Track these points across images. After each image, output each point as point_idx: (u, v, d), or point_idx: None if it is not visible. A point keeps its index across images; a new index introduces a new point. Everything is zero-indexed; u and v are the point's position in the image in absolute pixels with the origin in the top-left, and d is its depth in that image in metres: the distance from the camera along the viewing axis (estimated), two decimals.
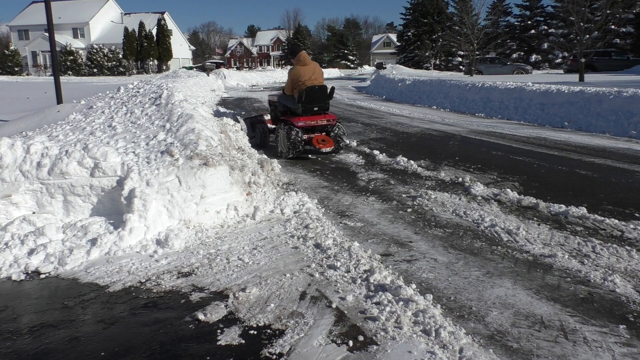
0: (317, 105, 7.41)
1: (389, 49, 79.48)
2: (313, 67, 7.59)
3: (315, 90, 7.33)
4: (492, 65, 31.19)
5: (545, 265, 3.56)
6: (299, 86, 7.42)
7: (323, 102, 7.44)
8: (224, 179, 4.70)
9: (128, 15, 62.84)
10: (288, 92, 7.78)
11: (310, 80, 7.42)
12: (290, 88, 7.67)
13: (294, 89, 7.56)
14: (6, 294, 3.33)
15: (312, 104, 7.35)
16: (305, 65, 7.52)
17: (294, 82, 7.55)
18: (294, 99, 7.55)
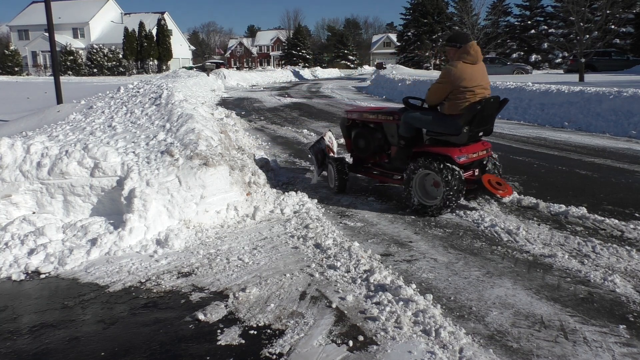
0: (484, 129, 4.79)
1: (389, 49, 79.49)
2: (482, 67, 4.73)
3: (490, 105, 4.64)
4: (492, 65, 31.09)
5: (545, 265, 3.56)
6: (465, 98, 4.55)
7: (491, 123, 4.88)
8: (224, 179, 4.70)
9: (128, 15, 62.84)
10: (434, 105, 4.89)
11: (481, 89, 4.60)
12: (438, 99, 4.75)
13: (452, 101, 4.62)
14: (6, 294, 3.33)
15: (481, 126, 4.69)
16: (474, 63, 4.65)
17: (453, 91, 4.58)
18: (452, 119, 4.61)
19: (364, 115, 5.56)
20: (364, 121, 5.58)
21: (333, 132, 6.57)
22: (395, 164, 5.16)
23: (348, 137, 5.80)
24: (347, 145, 5.92)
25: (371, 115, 5.45)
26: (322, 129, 10.78)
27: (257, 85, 31.81)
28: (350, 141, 5.79)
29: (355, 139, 5.63)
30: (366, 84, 28.84)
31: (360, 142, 5.56)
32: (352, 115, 5.75)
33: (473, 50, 4.61)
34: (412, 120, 4.89)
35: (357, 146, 5.62)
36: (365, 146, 5.51)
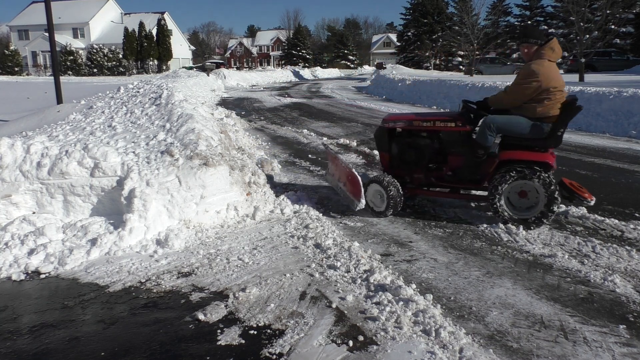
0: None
1: (389, 49, 79.50)
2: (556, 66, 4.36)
3: (574, 106, 4.25)
4: (492, 65, 31.18)
5: (545, 265, 3.56)
6: (556, 99, 4.19)
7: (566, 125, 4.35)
8: (224, 179, 4.70)
9: (128, 15, 62.84)
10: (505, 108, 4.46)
11: (563, 88, 4.27)
12: (520, 100, 4.27)
13: (542, 103, 4.18)
14: (6, 294, 3.33)
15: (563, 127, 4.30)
16: (556, 61, 4.32)
17: (542, 92, 4.16)
18: (541, 122, 4.22)
19: (416, 124, 4.70)
20: (415, 130, 4.74)
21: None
22: (464, 177, 4.54)
23: (387, 150, 4.89)
24: (383, 159, 4.99)
25: (426, 123, 4.65)
26: (322, 129, 10.79)
27: (257, 85, 31.81)
28: (389, 155, 4.91)
29: (402, 151, 4.77)
30: (366, 84, 28.85)
31: (411, 155, 4.71)
32: (397, 124, 4.82)
33: (557, 47, 4.29)
34: (501, 125, 4.28)
35: (404, 160, 4.76)
36: (418, 159, 4.68)
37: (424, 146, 4.68)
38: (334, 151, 5.44)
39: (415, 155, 4.69)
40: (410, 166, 4.75)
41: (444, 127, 4.58)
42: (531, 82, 4.14)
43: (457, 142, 4.59)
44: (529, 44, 4.31)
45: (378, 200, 4.67)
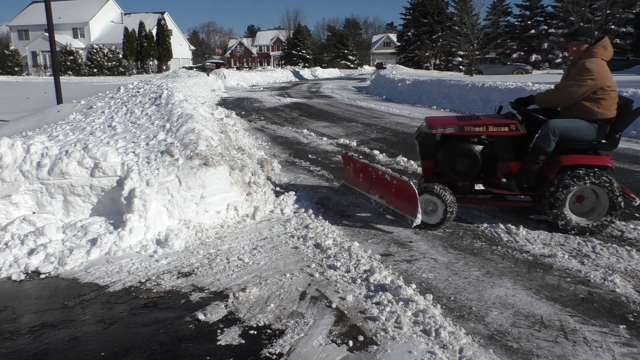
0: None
1: (389, 49, 79.50)
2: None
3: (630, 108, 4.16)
4: (492, 65, 31.19)
5: (545, 265, 3.56)
6: (612, 99, 4.10)
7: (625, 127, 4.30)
8: (224, 179, 4.70)
9: (128, 15, 62.83)
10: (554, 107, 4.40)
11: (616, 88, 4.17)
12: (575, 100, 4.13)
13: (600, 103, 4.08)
14: (6, 294, 3.33)
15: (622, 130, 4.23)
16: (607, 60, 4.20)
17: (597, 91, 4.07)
18: (602, 123, 4.13)
19: (467, 129, 4.34)
20: (466, 135, 4.38)
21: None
22: (520, 183, 4.31)
23: (432, 157, 4.52)
24: (427, 168, 4.59)
25: (478, 128, 4.34)
26: (322, 129, 10.79)
27: (257, 85, 31.82)
28: (432, 163, 4.54)
29: (452, 159, 4.38)
30: (366, 84, 28.86)
31: (462, 163, 4.37)
32: (446, 130, 4.39)
33: (609, 47, 4.21)
34: (564, 130, 4.10)
35: (454, 168, 4.40)
36: (470, 167, 4.36)
37: (477, 153, 4.35)
38: (357, 157, 5.01)
39: (468, 163, 4.36)
40: (460, 174, 4.41)
41: (497, 132, 4.31)
42: (586, 80, 4.02)
43: (511, 147, 4.35)
44: (578, 41, 4.22)
45: (429, 211, 4.30)
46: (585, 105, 4.10)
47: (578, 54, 4.25)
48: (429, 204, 4.30)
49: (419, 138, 4.57)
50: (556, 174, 4.15)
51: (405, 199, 4.16)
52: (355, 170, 5.01)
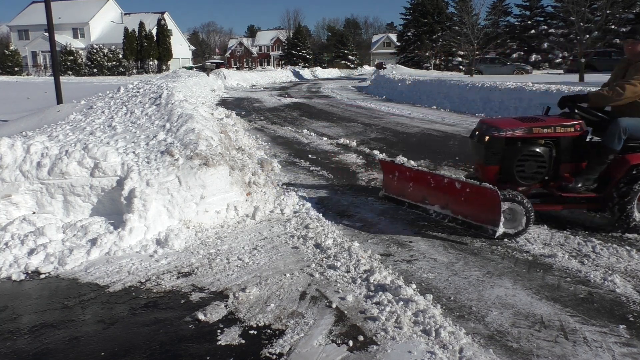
0: None
1: (389, 49, 79.50)
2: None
3: None
4: (492, 65, 31.19)
5: (545, 265, 3.56)
6: None
7: None
8: (224, 179, 4.70)
9: (128, 15, 62.82)
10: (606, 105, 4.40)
11: None
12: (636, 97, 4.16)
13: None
14: (6, 294, 3.33)
15: None
16: None
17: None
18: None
19: (536, 130, 4.18)
20: (533, 137, 4.21)
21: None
22: (587, 184, 4.20)
23: (498, 162, 4.26)
24: (489, 173, 4.29)
25: (546, 129, 4.19)
26: (322, 129, 10.79)
27: (257, 85, 31.81)
28: (497, 167, 4.28)
29: (520, 162, 4.18)
30: (366, 84, 28.85)
31: (530, 166, 4.20)
32: (515, 132, 4.18)
33: None
34: (633, 128, 4.10)
35: (522, 172, 4.20)
36: (538, 170, 4.22)
37: (545, 155, 4.20)
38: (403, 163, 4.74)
39: (536, 166, 4.19)
40: (528, 178, 4.23)
41: (564, 133, 4.20)
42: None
43: (574, 148, 4.27)
44: (635, 40, 4.20)
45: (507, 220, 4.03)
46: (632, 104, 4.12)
47: (633, 53, 4.24)
48: (506, 212, 4.00)
49: (484, 142, 4.25)
50: (624, 174, 4.07)
51: (485, 207, 3.91)
52: (402, 178, 4.73)
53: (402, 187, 4.72)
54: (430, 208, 4.40)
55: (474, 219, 4.04)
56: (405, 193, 4.67)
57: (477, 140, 4.38)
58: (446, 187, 4.20)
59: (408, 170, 4.67)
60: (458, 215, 4.16)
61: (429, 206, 4.41)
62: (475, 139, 4.41)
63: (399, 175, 4.81)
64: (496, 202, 3.78)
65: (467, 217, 4.09)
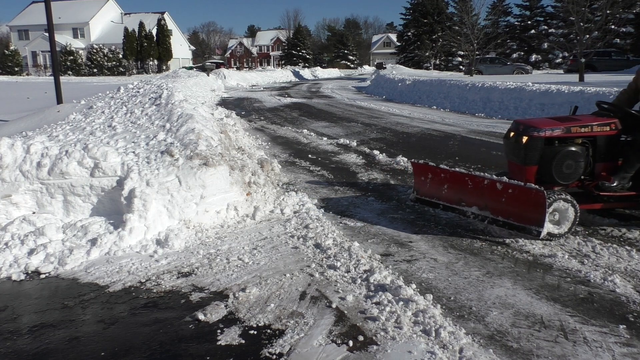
0: None
1: (389, 49, 79.47)
2: None
3: None
4: (492, 65, 31.17)
5: (545, 265, 3.56)
6: None
7: None
8: (224, 179, 4.70)
9: (128, 15, 62.80)
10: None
11: None
12: None
13: None
14: (6, 294, 3.33)
15: None
16: None
17: None
18: None
19: (574, 129, 4.18)
20: (571, 136, 4.20)
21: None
22: (622, 183, 4.23)
23: (537, 162, 4.22)
24: (529, 173, 4.24)
25: (583, 128, 4.20)
26: (322, 129, 10.79)
27: (257, 85, 31.81)
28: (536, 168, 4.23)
29: (559, 162, 4.16)
30: (366, 84, 28.86)
31: (569, 166, 4.19)
32: (554, 132, 4.16)
33: None
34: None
35: (561, 172, 4.19)
36: (576, 170, 4.22)
37: (583, 155, 4.20)
38: (436, 165, 4.70)
39: (575, 166, 4.19)
40: (566, 178, 4.22)
41: (600, 132, 4.22)
42: None
43: (609, 147, 4.28)
44: None
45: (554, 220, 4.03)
46: None
47: None
48: (555, 213, 4.00)
49: (522, 142, 4.20)
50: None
51: (529, 207, 3.86)
52: (436, 180, 4.68)
53: (436, 189, 4.66)
54: (467, 210, 4.33)
55: (516, 220, 3.96)
56: (440, 195, 4.61)
57: (514, 141, 4.34)
58: (486, 188, 4.15)
59: (443, 171, 4.61)
60: (499, 217, 4.09)
61: (466, 208, 4.35)
62: (512, 139, 4.37)
63: (432, 177, 4.73)
64: (541, 202, 3.73)
65: (508, 218, 4.02)
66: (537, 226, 3.79)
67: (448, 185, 4.54)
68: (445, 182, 4.57)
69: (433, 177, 4.72)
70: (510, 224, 4.01)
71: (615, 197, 4.25)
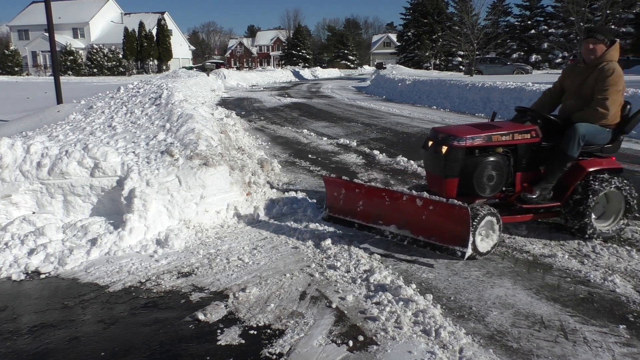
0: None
1: (389, 49, 79.49)
2: None
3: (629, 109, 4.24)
4: (492, 65, 31.19)
5: (545, 265, 3.56)
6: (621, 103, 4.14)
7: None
8: (224, 179, 4.70)
9: (128, 15, 62.83)
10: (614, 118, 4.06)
11: None
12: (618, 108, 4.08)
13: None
14: (6, 294, 3.33)
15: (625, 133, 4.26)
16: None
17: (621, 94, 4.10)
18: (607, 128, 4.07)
19: (495, 138, 3.85)
20: (492, 145, 3.87)
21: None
22: (544, 194, 3.99)
23: (457, 174, 3.83)
24: (450, 187, 3.85)
25: (505, 136, 3.88)
26: (322, 129, 10.79)
27: (257, 85, 31.81)
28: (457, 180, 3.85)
29: (480, 173, 3.81)
30: (366, 84, 28.85)
31: (491, 177, 3.85)
32: (475, 141, 3.80)
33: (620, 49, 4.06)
34: (589, 135, 3.92)
35: (482, 183, 3.84)
36: (498, 181, 3.89)
37: (504, 165, 3.91)
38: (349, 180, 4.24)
39: (497, 177, 3.87)
40: (488, 190, 3.89)
41: (521, 140, 3.94)
42: (622, 87, 3.99)
43: (532, 155, 4.04)
44: (597, 40, 4.00)
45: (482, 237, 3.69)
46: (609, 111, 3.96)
47: (592, 53, 4.03)
48: (481, 230, 3.65)
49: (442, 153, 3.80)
50: (580, 180, 3.95)
51: (452, 226, 3.50)
52: (350, 196, 4.21)
53: (350, 206, 4.19)
54: (385, 229, 3.90)
55: (438, 240, 3.59)
56: (354, 212, 4.14)
57: (433, 151, 3.91)
58: (405, 204, 3.75)
59: (358, 186, 4.13)
60: (419, 236, 3.69)
61: (383, 227, 3.92)
62: (431, 149, 3.94)
63: (346, 193, 4.24)
64: (465, 219, 3.38)
65: (430, 238, 3.63)
66: (461, 246, 3.44)
67: (363, 201, 4.09)
68: (360, 198, 4.11)
69: (347, 192, 4.22)
70: (432, 244, 3.62)
71: (537, 208, 4.04)
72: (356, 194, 4.15)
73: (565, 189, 4.00)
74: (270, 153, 7.96)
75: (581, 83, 4.12)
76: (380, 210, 3.95)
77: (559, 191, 4.04)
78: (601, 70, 3.99)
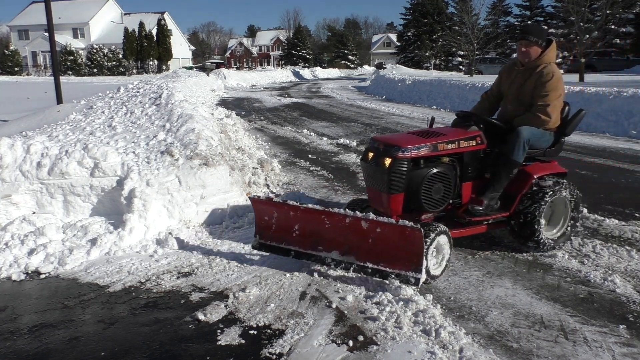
0: None
1: (389, 49, 79.46)
2: None
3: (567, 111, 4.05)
4: (492, 65, 31.14)
5: (545, 265, 3.56)
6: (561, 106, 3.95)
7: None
8: (224, 179, 4.70)
9: (128, 15, 62.82)
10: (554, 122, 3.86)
11: None
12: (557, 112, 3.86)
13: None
14: (6, 294, 3.33)
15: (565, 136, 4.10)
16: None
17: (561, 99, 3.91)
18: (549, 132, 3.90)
19: (440, 146, 3.52)
20: (438, 155, 3.54)
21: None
22: (491, 204, 3.73)
23: (403, 189, 3.44)
24: (395, 203, 3.46)
25: (450, 145, 3.57)
26: (322, 129, 10.79)
27: (257, 85, 31.81)
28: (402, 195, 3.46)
29: (427, 186, 3.45)
30: (366, 84, 28.85)
31: (438, 190, 3.52)
32: (421, 151, 3.43)
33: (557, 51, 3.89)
34: (533, 139, 3.73)
35: (430, 198, 3.49)
36: (445, 194, 3.57)
37: (451, 175, 3.59)
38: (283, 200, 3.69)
39: (444, 189, 3.54)
40: (436, 205, 3.55)
41: (467, 147, 3.64)
42: (562, 91, 3.82)
43: (477, 163, 3.78)
44: (529, 42, 3.78)
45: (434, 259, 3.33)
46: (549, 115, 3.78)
47: (526, 56, 3.82)
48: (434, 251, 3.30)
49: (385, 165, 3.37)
50: (528, 188, 3.72)
51: (402, 250, 3.07)
52: (284, 220, 3.60)
53: (284, 232, 3.59)
54: (326, 256, 3.37)
55: (388, 266, 3.15)
56: (290, 239, 3.56)
57: (374, 164, 3.47)
58: (348, 227, 3.26)
59: (292, 208, 3.52)
60: (366, 262, 3.22)
61: (324, 253, 3.39)
62: (372, 162, 3.50)
63: (279, 217, 3.63)
64: (418, 242, 2.97)
65: (378, 264, 3.18)
66: (415, 272, 3.03)
67: (300, 225, 3.51)
68: (295, 222, 3.53)
69: (279, 215, 3.61)
70: (382, 272, 3.16)
71: (486, 220, 3.77)
72: (290, 217, 3.54)
73: (512, 198, 3.74)
74: (270, 153, 7.96)
75: (519, 87, 3.91)
76: (320, 235, 3.41)
77: (506, 200, 3.77)
78: (540, 74, 3.76)
